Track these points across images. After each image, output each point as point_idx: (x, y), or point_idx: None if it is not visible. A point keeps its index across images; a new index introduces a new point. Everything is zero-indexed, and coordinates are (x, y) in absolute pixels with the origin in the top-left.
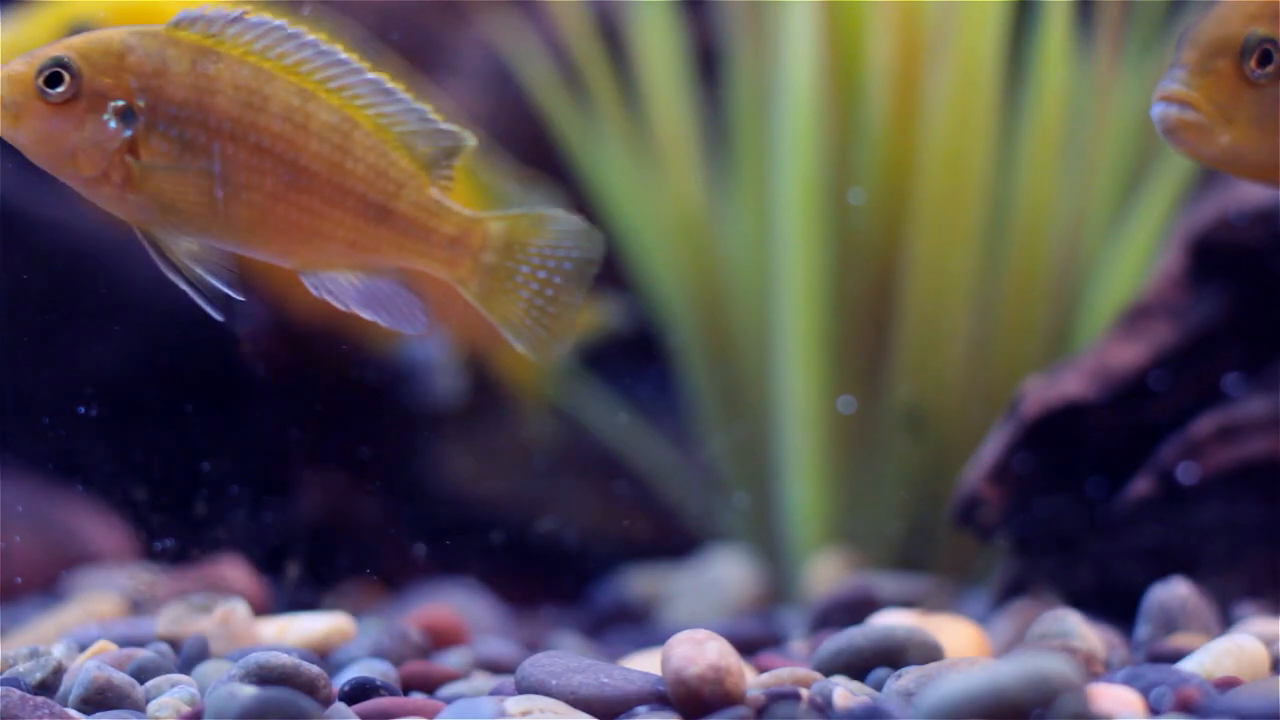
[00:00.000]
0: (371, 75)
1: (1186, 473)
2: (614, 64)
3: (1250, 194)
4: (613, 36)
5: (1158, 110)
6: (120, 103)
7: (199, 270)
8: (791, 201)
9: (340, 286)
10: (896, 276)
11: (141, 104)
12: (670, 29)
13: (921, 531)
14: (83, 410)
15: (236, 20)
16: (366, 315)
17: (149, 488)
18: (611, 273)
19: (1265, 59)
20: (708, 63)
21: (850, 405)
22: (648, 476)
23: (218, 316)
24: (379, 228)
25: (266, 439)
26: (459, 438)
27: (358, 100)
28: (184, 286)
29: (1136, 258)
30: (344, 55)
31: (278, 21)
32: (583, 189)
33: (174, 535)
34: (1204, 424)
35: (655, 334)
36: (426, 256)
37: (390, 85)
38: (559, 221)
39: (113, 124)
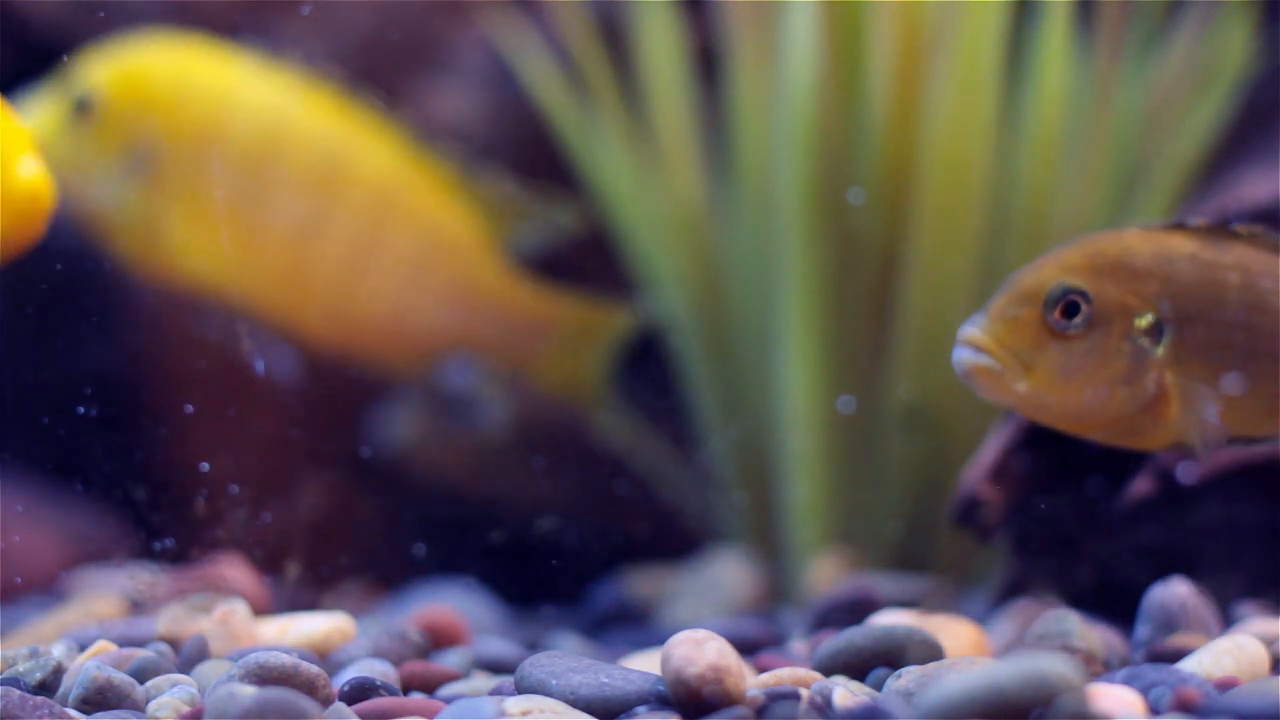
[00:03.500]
0: None
1: (1186, 473)
2: (614, 64)
3: (1249, 193)
4: (613, 36)
5: (954, 354)
6: None
7: None
8: (791, 201)
9: None
10: (896, 276)
11: None
12: (670, 29)
13: (921, 531)
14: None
15: None
16: None
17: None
18: (614, 273)
19: (1071, 310)
20: (708, 63)
21: (850, 405)
22: (648, 476)
23: None
24: None
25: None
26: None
27: None
28: None
29: None
30: None
31: None
32: (583, 189)
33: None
34: None
35: (656, 333)
36: None
37: None
38: None
39: None
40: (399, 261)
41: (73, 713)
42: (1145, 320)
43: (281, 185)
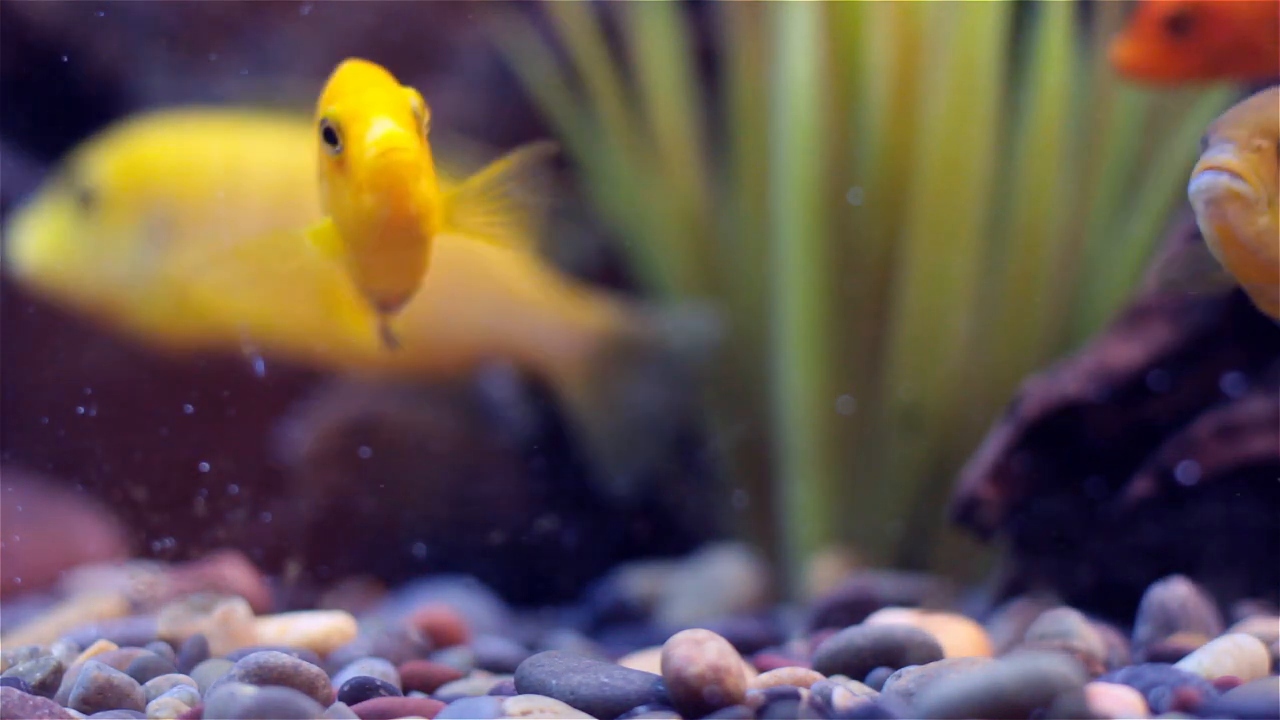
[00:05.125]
0: None
1: (1186, 473)
2: (614, 64)
3: None
4: (613, 36)
5: (1206, 179)
6: None
7: None
8: (791, 201)
9: None
10: (896, 276)
11: None
12: (670, 29)
13: (921, 531)
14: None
15: None
16: None
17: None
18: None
19: None
20: (708, 63)
21: (850, 405)
22: (647, 477)
23: None
24: None
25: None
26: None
27: None
28: None
29: (1136, 257)
30: None
31: None
32: (583, 188)
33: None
34: (1204, 424)
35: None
36: None
37: None
38: None
39: None
40: (440, 275)
41: (73, 713)
42: None
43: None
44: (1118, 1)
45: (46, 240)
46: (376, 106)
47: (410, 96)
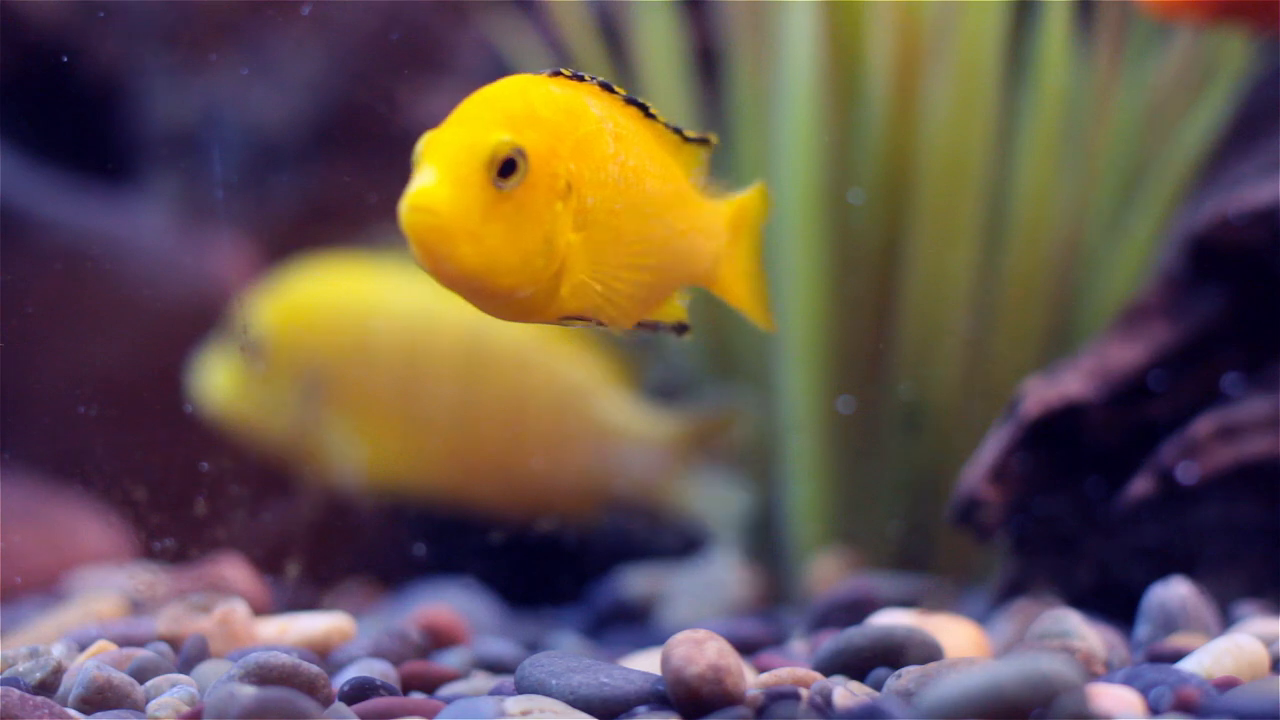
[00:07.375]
0: None
1: (1186, 473)
2: (614, 64)
3: (1249, 194)
4: (613, 36)
5: None
6: None
7: None
8: (791, 201)
9: None
10: (896, 276)
11: None
12: (670, 29)
13: (921, 531)
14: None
15: None
16: None
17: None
18: None
19: None
20: (708, 63)
21: (850, 405)
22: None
23: None
24: None
25: None
26: None
27: None
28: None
29: (1136, 257)
30: None
31: None
32: None
33: None
34: (1203, 424)
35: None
36: None
37: None
38: None
39: None
40: (543, 414)
41: (73, 713)
42: None
43: (435, 373)
44: (1118, 1)
45: (225, 384)
46: (437, 152)
47: (496, 145)
